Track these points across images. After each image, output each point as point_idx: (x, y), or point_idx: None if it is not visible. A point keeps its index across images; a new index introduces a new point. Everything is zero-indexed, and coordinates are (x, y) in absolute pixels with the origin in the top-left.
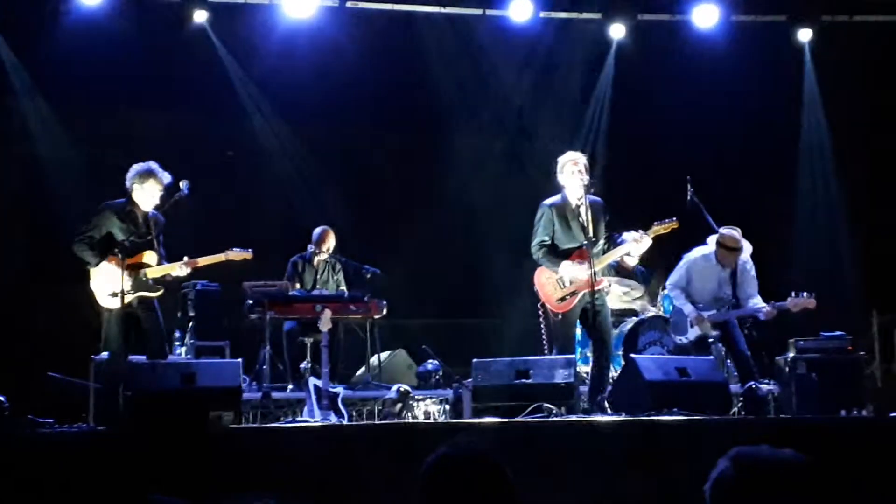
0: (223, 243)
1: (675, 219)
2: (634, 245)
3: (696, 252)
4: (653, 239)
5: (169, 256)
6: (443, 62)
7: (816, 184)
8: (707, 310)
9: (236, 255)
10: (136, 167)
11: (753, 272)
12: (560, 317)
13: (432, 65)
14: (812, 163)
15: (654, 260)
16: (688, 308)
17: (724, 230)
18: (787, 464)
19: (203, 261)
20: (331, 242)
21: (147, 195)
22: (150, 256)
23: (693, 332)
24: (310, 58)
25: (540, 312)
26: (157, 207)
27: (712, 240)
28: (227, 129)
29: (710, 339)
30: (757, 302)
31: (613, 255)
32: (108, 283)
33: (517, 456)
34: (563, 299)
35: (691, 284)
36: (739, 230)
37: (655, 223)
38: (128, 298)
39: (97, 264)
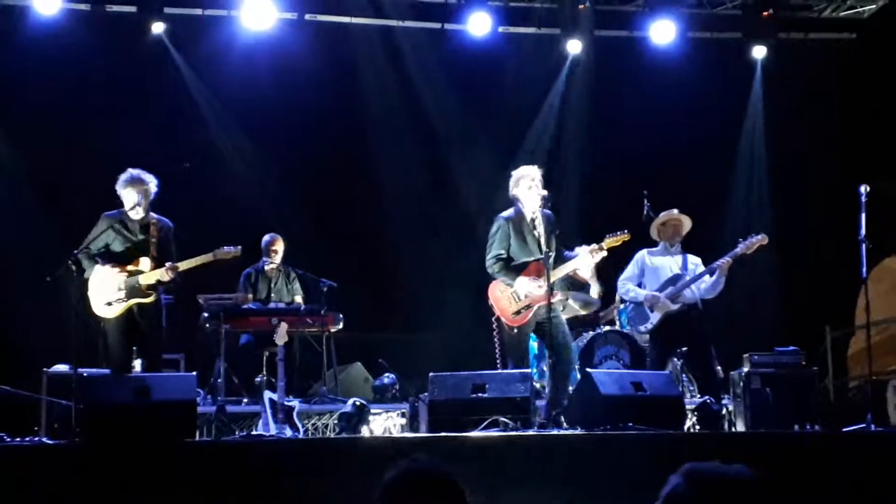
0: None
1: (626, 231)
2: (586, 258)
3: (645, 250)
4: (606, 251)
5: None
6: (400, 75)
7: (771, 199)
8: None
9: (225, 254)
10: (120, 176)
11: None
12: (515, 330)
13: (390, 78)
14: (758, 176)
15: (607, 273)
16: (641, 294)
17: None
18: (739, 480)
19: (186, 264)
20: (280, 248)
21: (127, 201)
22: (143, 263)
23: (655, 317)
24: (269, 70)
25: (494, 326)
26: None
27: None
28: (185, 140)
29: (677, 307)
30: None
31: (566, 269)
32: (101, 292)
33: (472, 470)
34: (518, 313)
35: (644, 277)
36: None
37: (608, 235)
38: (122, 306)
39: (91, 272)
